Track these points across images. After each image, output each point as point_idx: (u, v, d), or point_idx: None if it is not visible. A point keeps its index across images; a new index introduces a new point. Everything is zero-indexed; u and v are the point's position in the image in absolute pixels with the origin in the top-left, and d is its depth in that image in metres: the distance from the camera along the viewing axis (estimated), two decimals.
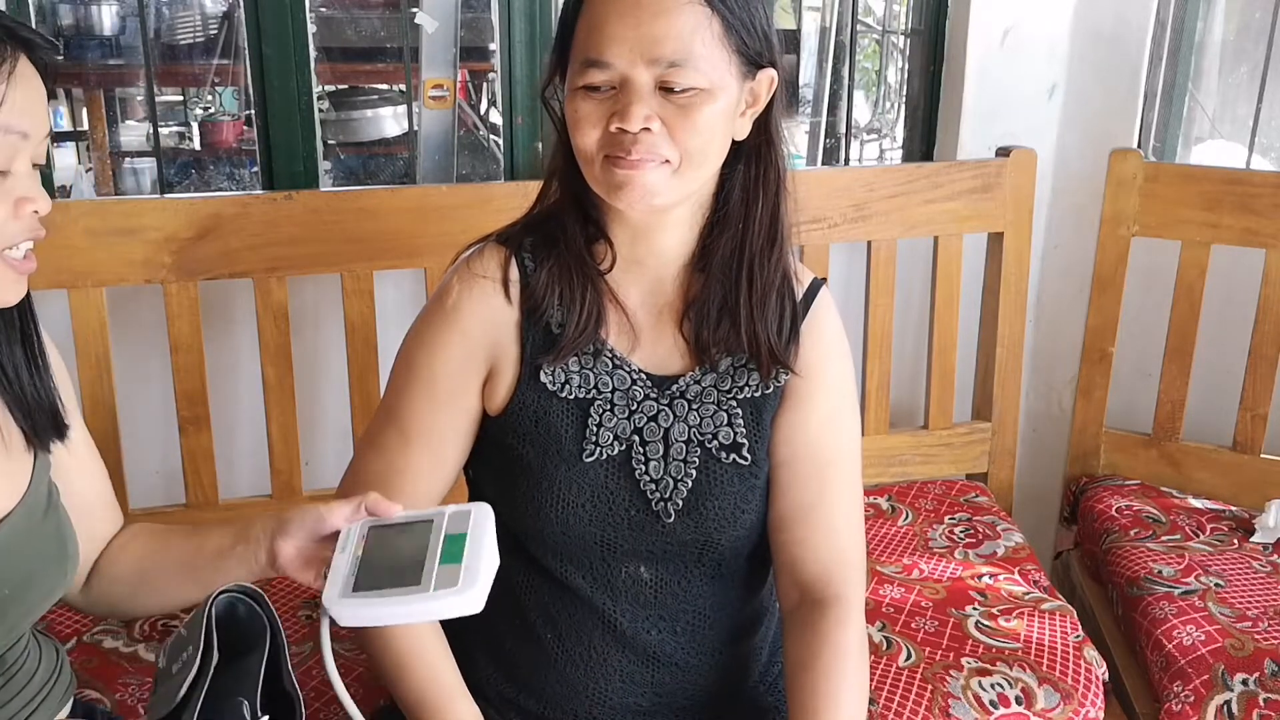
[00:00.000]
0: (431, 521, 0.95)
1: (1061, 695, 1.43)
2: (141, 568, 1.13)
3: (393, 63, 3.29)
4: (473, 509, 0.96)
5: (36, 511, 1.01)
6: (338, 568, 0.94)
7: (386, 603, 0.89)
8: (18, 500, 0.99)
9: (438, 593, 0.88)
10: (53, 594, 1.04)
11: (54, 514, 1.03)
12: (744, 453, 1.15)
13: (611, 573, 1.16)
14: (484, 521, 0.94)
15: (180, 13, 3.53)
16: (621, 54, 1.01)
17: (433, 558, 0.91)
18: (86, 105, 3.43)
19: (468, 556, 0.90)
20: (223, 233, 1.58)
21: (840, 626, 1.13)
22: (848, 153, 2.64)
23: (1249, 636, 1.53)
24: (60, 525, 1.04)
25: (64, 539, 1.04)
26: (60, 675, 1.09)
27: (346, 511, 0.98)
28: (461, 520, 0.94)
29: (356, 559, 0.94)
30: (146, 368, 1.74)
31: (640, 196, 1.05)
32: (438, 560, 0.90)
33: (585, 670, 1.17)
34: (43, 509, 1.02)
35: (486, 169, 3.04)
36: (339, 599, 0.91)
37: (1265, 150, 2.30)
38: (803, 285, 1.18)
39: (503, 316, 1.15)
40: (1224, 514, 1.87)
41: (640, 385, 1.15)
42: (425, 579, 0.89)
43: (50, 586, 1.03)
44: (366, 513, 0.98)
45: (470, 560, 0.90)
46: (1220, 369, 1.99)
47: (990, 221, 1.91)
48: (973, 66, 2.04)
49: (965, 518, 1.86)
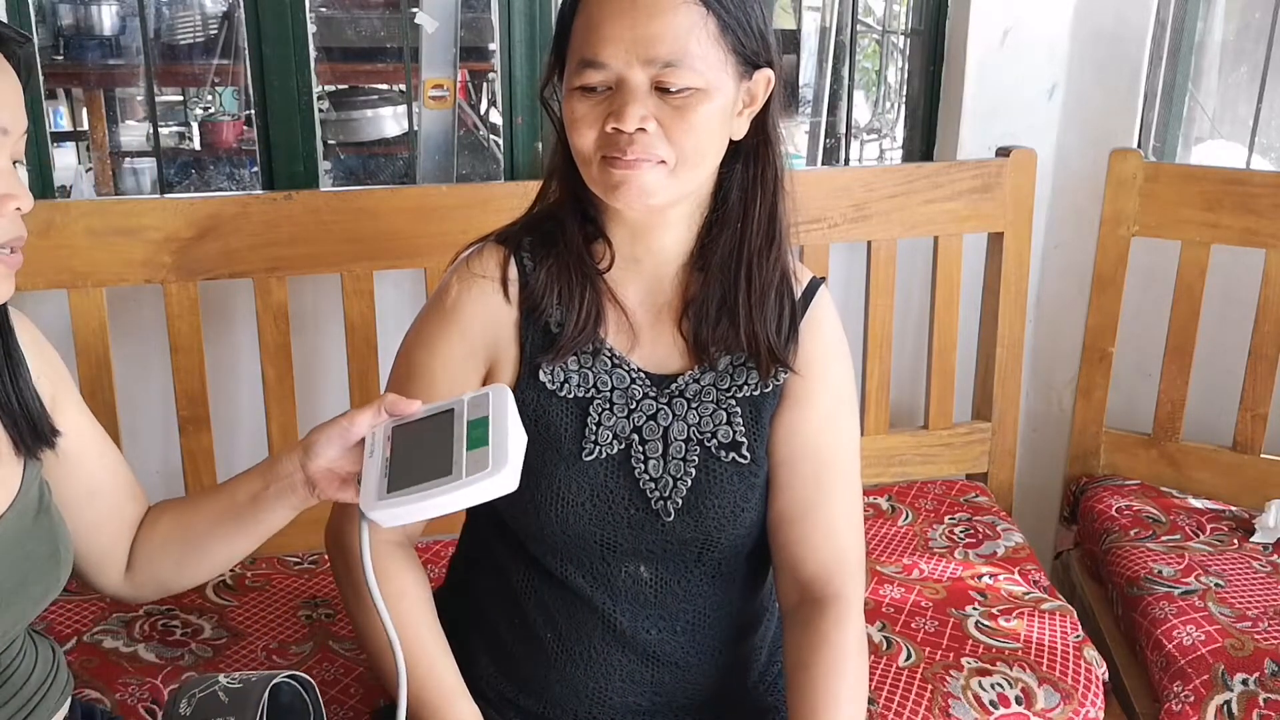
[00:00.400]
0: (452, 410, 0.95)
1: (1061, 695, 1.43)
2: (179, 538, 1.12)
3: (393, 63, 3.29)
4: (490, 391, 0.95)
5: (28, 515, 1.00)
6: (369, 472, 0.94)
7: (422, 497, 0.89)
8: (8, 505, 0.98)
9: (471, 478, 0.88)
10: (46, 597, 1.03)
11: (45, 517, 1.02)
12: (743, 451, 1.15)
13: (611, 572, 1.16)
14: (503, 401, 0.94)
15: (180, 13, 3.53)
16: (617, 54, 1.01)
17: (460, 445, 0.91)
18: (86, 105, 3.43)
19: (494, 437, 0.90)
20: (223, 233, 1.58)
21: (840, 626, 1.13)
22: (848, 153, 2.64)
23: (1249, 636, 1.53)
24: (52, 528, 1.03)
25: (56, 542, 1.03)
26: (57, 676, 1.08)
27: (368, 416, 0.99)
28: (481, 404, 0.94)
29: (386, 460, 0.94)
30: (146, 368, 1.74)
31: (637, 196, 1.05)
32: (465, 447, 0.91)
33: (585, 670, 1.17)
34: (33, 513, 1.01)
35: (486, 169, 3.04)
36: (376, 503, 0.91)
37: (1265, 150, 2.30)
38: (801, 284, 1.18)
39: (502, 316, 1.15)
40: (1224, 514, 1.87)
41: (639, 384, 1.15)
42: (456, 467, 0.89)
43: (43, 590, 1.02)
44: (387, 414, 0.98)
45: (497, 440, 0.90)
46: (1220, 369, 1.99)
47: (990, 221, 1.91)
48: (973, 66, 2.04)
49: (965, 518, 1.86)
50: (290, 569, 1.66)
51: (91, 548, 1.11)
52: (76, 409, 1.10)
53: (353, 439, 1.00)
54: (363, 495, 0.93)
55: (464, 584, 1.28)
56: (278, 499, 1.05)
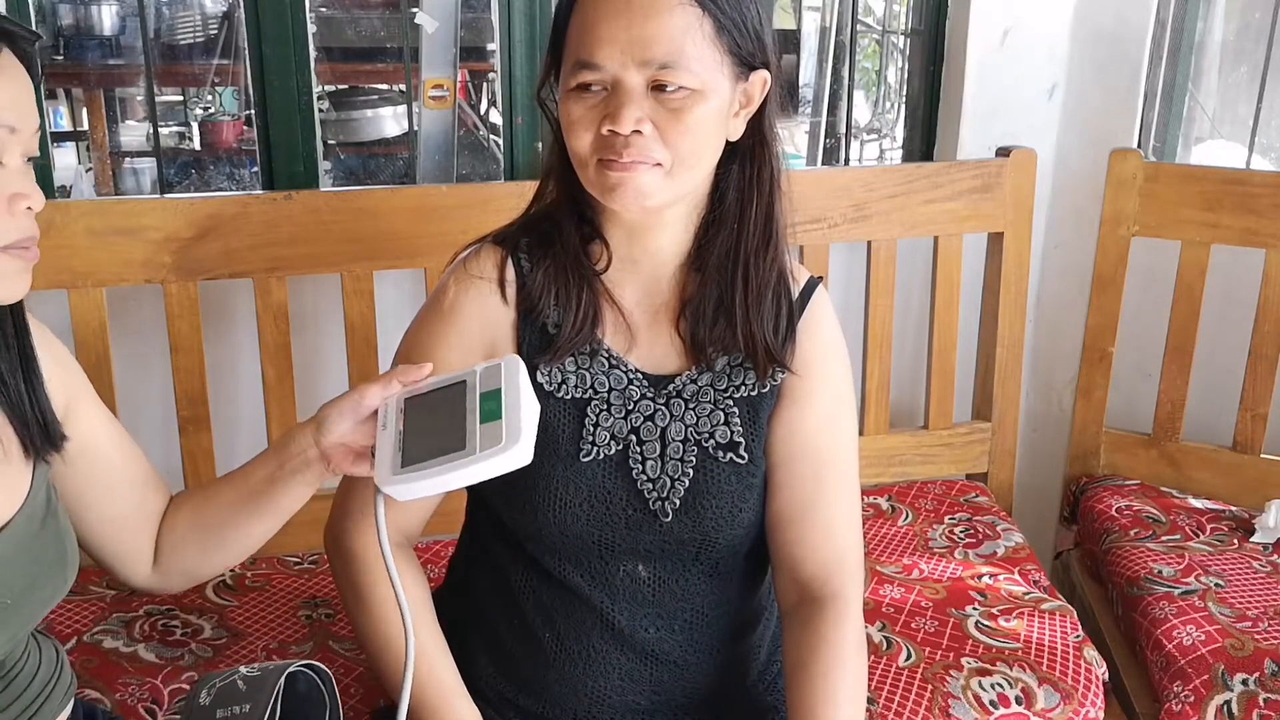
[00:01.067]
0: (465, 382, 0.95)
1: (1061, 695, 1.43)
2: (199, 526, 1.13)
3: (393, 63, 3.29)
4: (502, 363, 0.95)
5: (36, 518, 1.00)
6: (383, 446, 0.94)
7: (437, 472, 0.89)
8: (18, 508, 0.99)
9: (484, 453, 0.88)
10: (52, 600, 1.03)
11: (53, 520, 1.02)
12: (741, 452, 1.15)
13: (609, 571, 1.16)
14: (515, 373, 0.94)
15: (180, 13, 3.53)
16: (613, 56, 1.01)
17: (473, 418, 0.91)
18: (86, 105, 3.44)
19: (507, 411, 0.90)
20: (223, 233, 1.58)
21: (838, 625, 1.13)
22: (848, 153, 2.64)
23: (1249, 636, 1.53)
24: (60, 531, 1.03)
25: (64, 545, 1.03)
26: (60, 676, 1.08)
27: (379, 388, 0.99)
28: (494, 376, 0.94)
29: (400, 434, 0.94)
30: (146, 368, 1.74)
31: (633, 198, 1.05)
32: (478, 420, 0.91)
33: (584, 669, 1.17)
34: (41, 516, 1.01)
35: (486, 169, 3.04)
36: (391, 477, 0.91)
37: (1265, 150, 2.30)
38: (799, 284, 1.18)
39: (499, 317, 1.15)
40: (1224, 514, 1.87)
41: (637, 385, 1.15)
42: (469, 442, 0.89)
43: (51, 593, 1.02)
44: (399, 385, 0.99)
45: (510, 415, 0.90)
46: (1220, 369, 1.99)
47: (990, 221, 1.91)
48: (973, 66, 2.04)
49: (965, 518, 1.86)
50: (290, 569, 1.66)
51: (119, 543, 1.11)
52: (94, 406, 1.10)
53: (365, 412, 1.00)
54: (378, 469, 0.93)
55: (463, 584, 1.28)
56: (294, 477, 1.05)
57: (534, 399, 0.93)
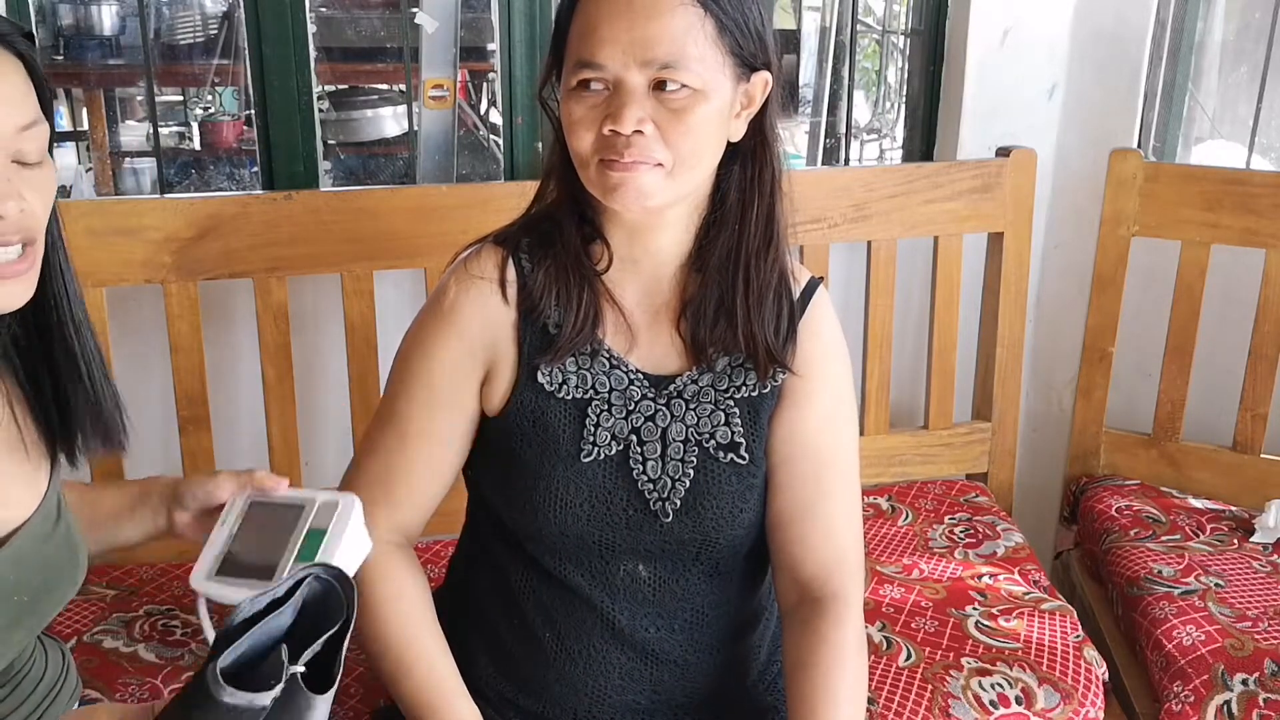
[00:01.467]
0: (303, 508, 0.98)
1: (1061, 695, 1.43)
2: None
3: (393, 63, 3.29)
4: (340, 500, 0.98)
5: (50, 520, 1.01)
6: (213, 543, 0.98)
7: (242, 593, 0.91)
8: (34, 509, 0.99)
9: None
10: (64, 600, 1.04)
11: (63, 521, 1.03)
12: (741, 452, 1.15)
13: (610, 571, 1.16)
14: (347, 517, 0.96)
15: (180, 13, 3.53)
16: (614, 56, 1.01)
17: (290, 553, 0.94)
18: (86, 105, 3.44)
19: (321, 555, 0.93)
20: (223, 233, 1.58)
21: (839, 625, 1.13)
22: (848, 153, 2.64)
23: (1249, 636, 1.53)
24: (70, 531, 1.03)
25: (75, 545, 1.04)
26: (67, 677, 1.09)
27: (232, 486, 1.02)
28: (326, 514, 0.97)
29: (231, 537, 0.98)
30: (146, 368, 1.74)
31: (634, 199, 1.05)
32: (294, 557, 0.94)
33: (584, 669, 1.17)
34: (55, 516, 1.01)
35: (486, 169, 3.04)
36: (203, 579, 0.95)
37: (1265, 150, 2.30)
38: (799, 284, 1.18)
39: (500, 317, 1.15)
40: (1224, 514, 1.87)
41: (637, 385, 1.15)
42: (278, 575, 0.93)
43: (63, 593, 1.03)
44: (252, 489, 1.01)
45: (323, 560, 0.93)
46: (1220, 369, 1.99)
47: (990, 221, 1.91)
48: (973, 66, 2.04)
49: (965, 518, 1.86)
50: None
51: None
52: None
53: (214, 502, 1.04)
54: (199, 563, 0.96)
55: (463, 584, 1.28)
56: (137, 524, 1.11)
57: (358, 544, 0.96)
